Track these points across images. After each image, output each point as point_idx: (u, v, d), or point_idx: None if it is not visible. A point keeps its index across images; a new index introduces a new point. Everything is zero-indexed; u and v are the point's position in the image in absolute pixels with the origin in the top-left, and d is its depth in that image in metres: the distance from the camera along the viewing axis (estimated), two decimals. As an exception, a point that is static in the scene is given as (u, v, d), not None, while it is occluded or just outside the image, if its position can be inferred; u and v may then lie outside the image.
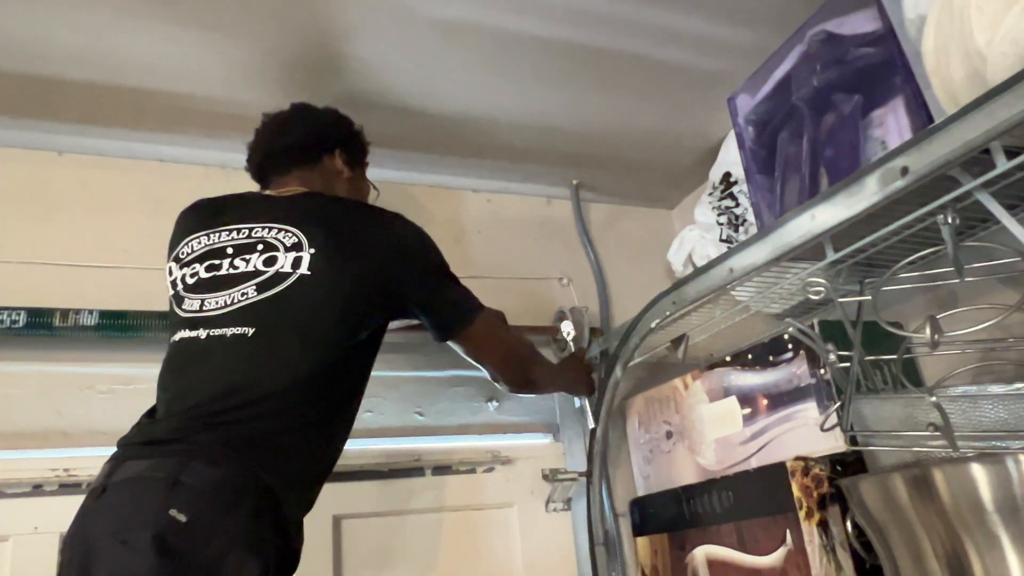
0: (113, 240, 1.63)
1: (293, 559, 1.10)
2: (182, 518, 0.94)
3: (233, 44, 1.43)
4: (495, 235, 2.02)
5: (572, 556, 1.76)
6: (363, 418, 1.69)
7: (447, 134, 1.79)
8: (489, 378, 1.46)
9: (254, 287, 1.15)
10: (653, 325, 1.49)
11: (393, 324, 1.67)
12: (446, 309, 1.33)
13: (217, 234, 1.23)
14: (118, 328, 1.49)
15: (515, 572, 1.70)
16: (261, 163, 1.39)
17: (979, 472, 0.91)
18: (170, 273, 1.25)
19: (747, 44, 1.52)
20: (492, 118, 1.74)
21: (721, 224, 1.67)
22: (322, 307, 1.15)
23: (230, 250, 1.20)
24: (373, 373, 1.72)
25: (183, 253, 1.25)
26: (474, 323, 1.34)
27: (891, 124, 1.10)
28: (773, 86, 1.34)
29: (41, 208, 1.61)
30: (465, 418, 1.80)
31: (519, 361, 1.49)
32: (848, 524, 1.20)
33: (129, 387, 1.53)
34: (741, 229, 1.63)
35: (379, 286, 1.22)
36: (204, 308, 1.16)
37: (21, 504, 1.40)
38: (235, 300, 1.15)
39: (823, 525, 1.23)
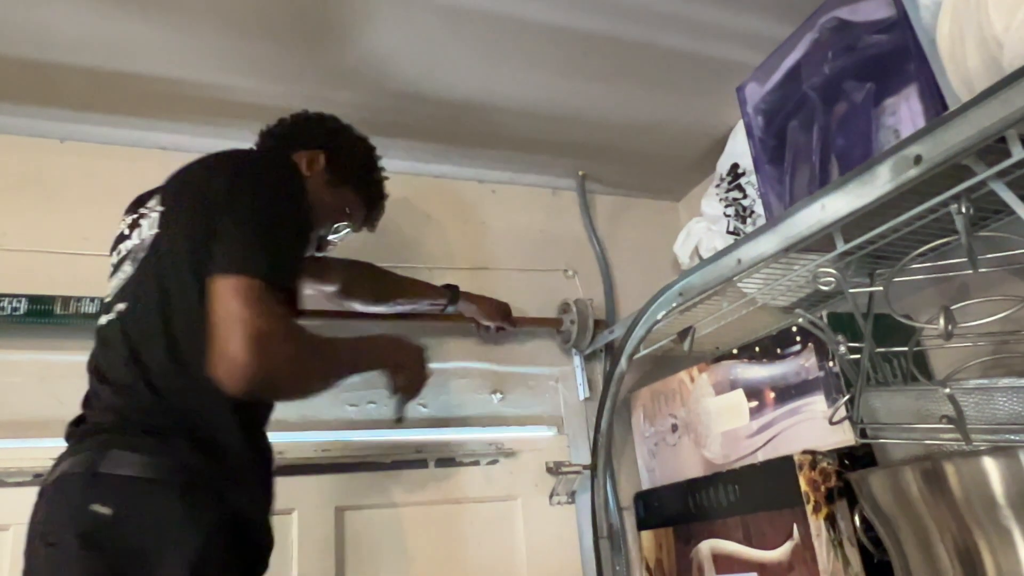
0: (115, 228, 1.61)
1: (255, 554, 1.04)
2: (106, 511, 0.91)
3: (235, 31, 1.42)
4: (500, 226, 2.00)
5: (576, 550, 1.75)
6: (366, 409, 1.69)
7: (452, 123, 1.78)
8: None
9: (130, 262, 1.11)
10: (659, 317, 1.48)
11: (397, 308, 1.68)
12: (221, 248, 1.01)
13: (129, 216, 1.20)
14: (120, 317, 1.48)
15: (518, 565, 1.69)
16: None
17: (992, 466, 0.89)
18: None
19: (757, 32, 1.50)
20: (497, 107, 1.73)
21: (728, 216, 1.66)
22: (169, 267, 1.05)
23: (127, 230, 1.17)
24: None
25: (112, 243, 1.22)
26: (234, 276, 0.98)
27: (904, 112, 1.08)
28: (783, 75, 1.32)
29: (42, 196, 1.60)
30: (469, 410, 1.78)
31: (262, 355, 0.96)
32: (856, 518, 1.18)
33: None
34: (748, 221, 1.62)
35: (202, 233, 1.03)
36: (108, 293, 1.14)
37: (22, 493, 1.38)
38: (120, 280, 1.11)
39: (831, 519, 1.22)
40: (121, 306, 1.07)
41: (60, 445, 1.44)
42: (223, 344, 0.94)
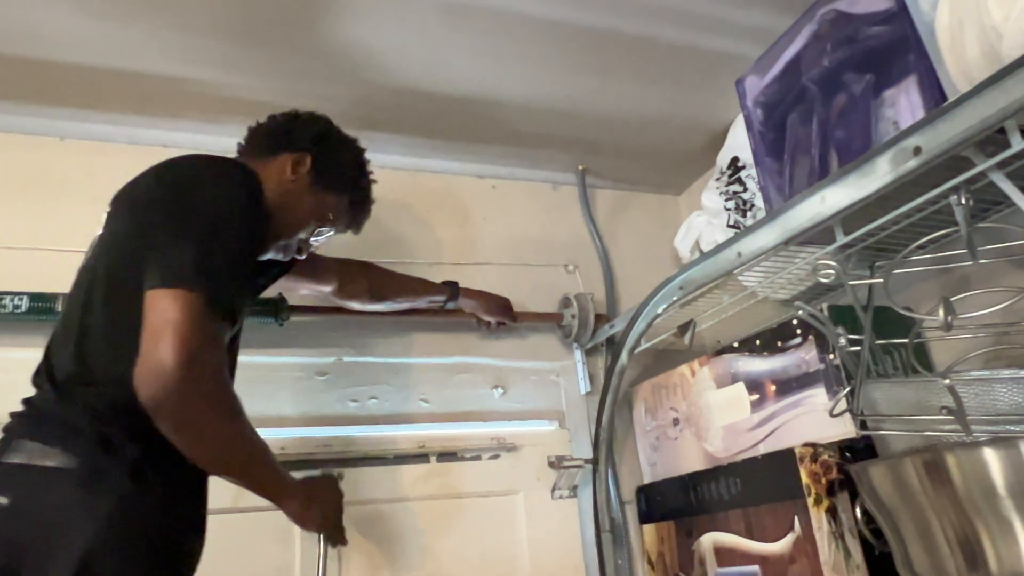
0: (116, 226, 1.62)
1: (166, 536, 1.00)
2: (4, 501, 0.91)
3: (234, 29, 1.42)
4: (500, 221, 2.00)
5: (578, 543, 1.75)
6: (368, 405, 1.69)
7: (451, 119, 1.78)
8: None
9: (84, 259, 1.14)
10: (660, 311, 1.48)
11: (396, 306, 1.68)
12: (156, 261, 0.98)
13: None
14: (121, 314, 1.49)
15: (520, 560, 1.69)
16: (239, 149, 1.37)
17: (992, 456, 0.89)
18: None
19: (756, 25, 1.49)
20: (497, 102, 1.73)
21: (729, 209, 1.66)
22: (99, 273, 1.06)
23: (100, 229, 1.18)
24: (378, 360, 1.73)
25: None
26: (164, 289, 0.95)
27: (903, 104, 1.08)
28: (782, 67, 1.32)
29: (43, 194, 1.60)
30: (470, 405, 1.79)
31: (193, 370, 0.93)
32: (857, 510, 1.19)
33: None
34: (749, 214, 1.61)
35: (140, 240, 1.02)
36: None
37: (25, 490, 1.39)
38: (76, 277, 1.14)
39: (832, 512, 1.22)
40: (62, 307, 1.11)
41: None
42: (152, 348, 0.91)
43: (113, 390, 0.97)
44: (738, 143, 1.64)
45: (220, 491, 1.13)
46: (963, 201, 0.94)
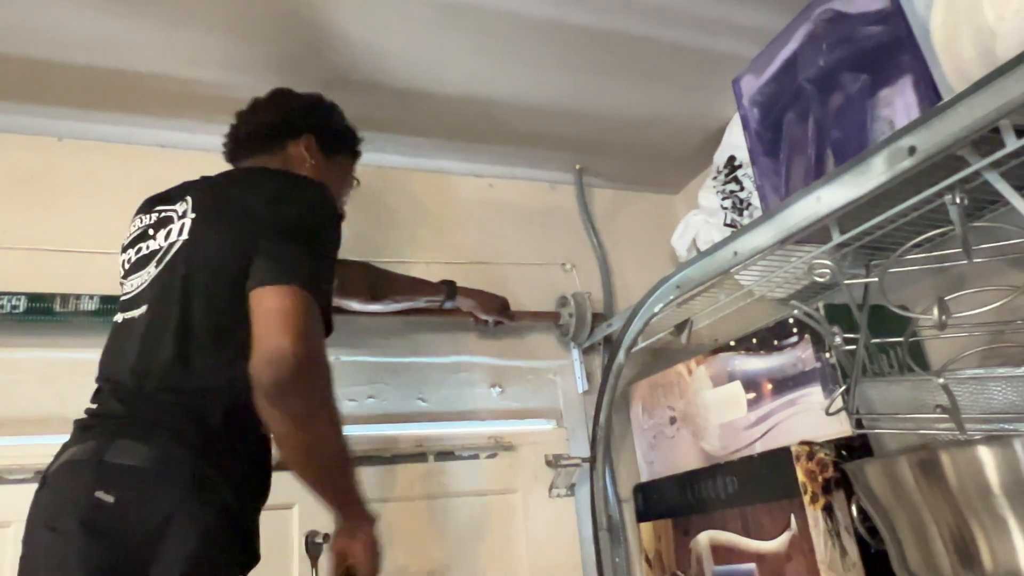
0: (114, 226, 1.61)
1: (247, 549, 1.05)
2: (109, 499, 0.92)
3: (233, 28, 1.42)
4: (498, 220, 2.01)
5: (576, 542, 1.76)
6: (366, 404, 1.69)
7: (449, 118, 1.78)
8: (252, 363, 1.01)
9: (155, 263, 1.13)
10: (657, 310, 1.49)
11: (394, 306, 1.68)
12: (272, 260, 1.04)
13: (149, 216, 1.22)
14: (119, 313, 1.49)
15: (518, 558, 1.69)
16: (229, 149, 1.38)
17: (986, 455, 0.90)
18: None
19: (752, 24, 1.50)
20: (494, 102, 1.73)
21: (725, 208, 1.66)
22: (200, 271, 1.08)
23: (151, 231, 1.19)
24: (376, 359, 1.73)
25: (125, 239, 1.24)
26: (277, 287, 1.00)
27: (899, 103, 1.09)
28: (779, 67, 1.32)
29: (41, 194, 1.61)
30: (468, 404, 1.79)
31: (311, 356, 0.98)
32: (853, 509, 1.19)
33: None
34: (745, 213, 1.62)
35: (242, 245, 1.06)
36: (126, 291, 1.16)
37: (24, 490, 1.37)
38: (143, 280, 1.13)
39: (828, 510, 1.22)
40: (144, 305, 1.10)
41: (61, 442, 1.45)
42: (269, 335, 0.96)
43: (218, 393, 1.02)
44: (735, 142, 1.64)
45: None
46: (958, 200, 0.94)
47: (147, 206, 1.25)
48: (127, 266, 1.20)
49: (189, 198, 1.17)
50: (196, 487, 0.96)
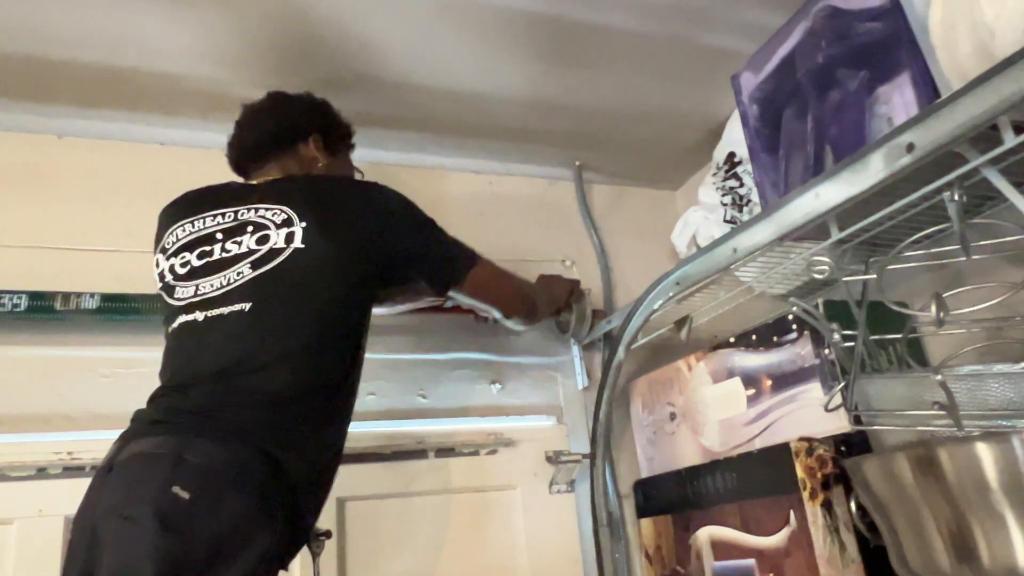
0: (114, 223, 1.63)
1: (303, 536, 1.11)
2: (185, 495, 0.94)
3: (231, 24, 1.42)
4: (497, 217, 2.01)
5: (575, 538, 1.76)
6: (366, 401, 1.69)
7: (447, 115, 1.78)
8: (497, 319, 1.53)
9: (248, 265, 1.16)
10: (656, 306, 1.49)
11: (399, 308, 1.69)
12: (442, 259, 1.34)
13: (202, 220, 1.25)
14: (119, 311, 1.49)
15: (518, 554, 1.70)
16: (238, 157, 1.40)
17: (984, 451, 0.90)
18: (157, 265, 1.26)
19: (751, 21, 1.49)
20: (493, 98, 1.73)
21: (725, 205, 1.66)
22: (318, 277, 1.16)
23: (219, 235, 1.21)
24: (376, 356, 1.73)
25: (168, 243, 1.25)
26: (474, 268, 1.36)
27: (897, 100, 1.09)
28: (777, 63, 1.32)
29: (41, 192, 1.61)
30: (468, 400, 1.79)
31: (523, 295, 1.55)
32: (852, 504, 1.19)
33: (131, 370, 1.53)
34: (745, 210, 1.62)
35: (371, 250, 1.23)
36: (200, 292, 1.17)
37: (25, 487, 1.40)
38: (231, 280, 1.16)
39: (827, 506, 1.22)
40: (237, 305, 1.13)
41: (62, 439, 1.46)
42: (510, 298, 1.50)
43: (310, 395, 1.11)
44: (734, 138, 1.64)
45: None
46: (956, 197, 0.94)
47: (192, 210, 1.28)
48: (180, 270, 1.21)
49: (286, 207, 1.21)
50: (266, 495, 1.00)
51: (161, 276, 1.24)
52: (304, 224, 1.18)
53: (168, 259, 1.24)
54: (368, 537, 1.58)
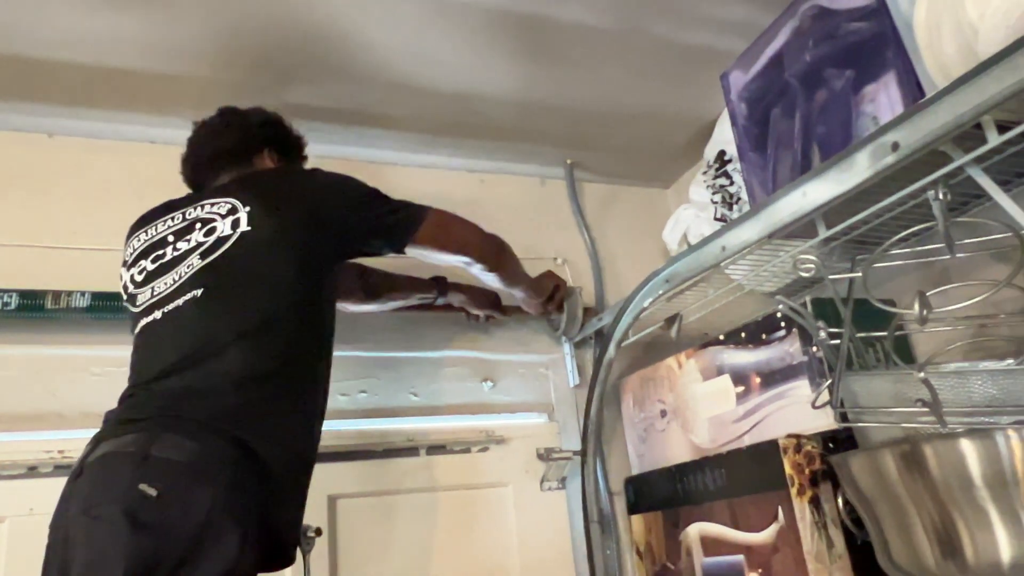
0: (105, 222, 1.62)
1: (282, 551, 1.10)
2: (152, 492, 0.94)
3: (221, 24, 1.42)
4: (489, 215, 1.98)
5: (567, 534, 1.77)
6: (357, 399, 1.70)
7: (439, 113, 1.78)
8: (465, 268, 1.50)
9: (198, 256, 1.18)
10: (646, 304, 1.49)
11: (389, 304, 1.69)
12: (392, 220, 1.33)
13: (154, 227, 1.27)
14: (110, 310, 1.49)
15: (510, 551, 1.71)
16: (192, 173, 1.42)
17: (968, 447, 0.91)
18: (121, 279, 1.28)
19: (740, 20, 1.50)
20: (485, 97, 1.73)
21: (715, 203, 1.66)
22: (267, 253, 1.18)
23: (171, 237, 1.23)
24: (367, 353, 1.74)
25: (128, 256, 1.29)
26: (427, 217, 1.36)
27: (883, 99, 1.09)
28: (766, 62, 1.33)
29: (32, 190, 1.61)
30: (459, 398, 1.80)
31: (489, 237, 1.52)
32: (839, 501, 1.20)
33: (123, 368, 1.49)
34: (735, 207, 1.62)
35: (318, 222, 1.23)
36: (156, 293, 1.18)
37: (16, 486, 1.40)
38: (183, 274, 1.17)
39: (815, 502, 1.23)
40: (189, 295, 1.14)
41: (53, 438, 1.46)
42: (470, 238, 1.46)
43: (274, 376, 1.10)
44: (724, 137, 1.64)
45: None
46: (941, 196, 0.95)
47: (144, 222, 1.31)
48: (138, 277, 1.23)
49: (230, 197, 1.22)
50: (236, 489, 0.99)
51: (124, 288, 1.26)
52: (248, 208, 1.20)
53: (128, 270, 1.26)
54: (359, 535, 1.59)
